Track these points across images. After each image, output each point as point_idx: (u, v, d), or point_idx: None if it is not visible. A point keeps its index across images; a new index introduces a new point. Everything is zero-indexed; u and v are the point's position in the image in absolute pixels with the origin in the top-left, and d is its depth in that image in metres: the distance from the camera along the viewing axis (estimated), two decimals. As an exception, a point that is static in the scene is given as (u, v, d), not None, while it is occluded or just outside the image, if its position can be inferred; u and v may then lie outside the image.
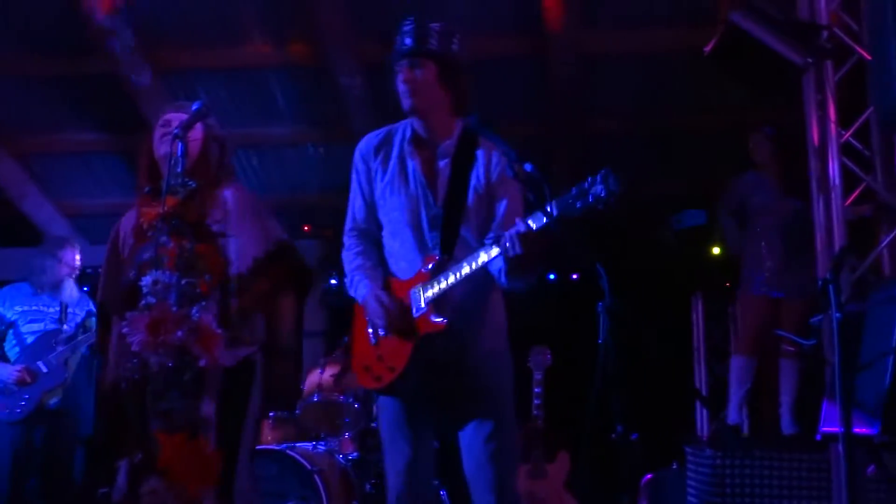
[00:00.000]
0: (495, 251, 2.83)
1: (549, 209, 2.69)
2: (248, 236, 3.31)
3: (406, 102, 3.05)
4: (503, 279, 2.94)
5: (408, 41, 3.03)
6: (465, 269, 2.91)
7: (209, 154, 3.38)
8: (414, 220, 3.07)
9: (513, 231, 2.75)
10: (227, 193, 3.37)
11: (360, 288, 3.10)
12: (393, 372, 3.01)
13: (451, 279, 2.92)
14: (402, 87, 3.05)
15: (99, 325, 3.54)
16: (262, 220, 3.40)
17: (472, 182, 3.08)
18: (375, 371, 3.06)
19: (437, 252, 3.02)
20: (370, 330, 3.08)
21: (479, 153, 3.10)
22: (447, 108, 3.10)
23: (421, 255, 3.05)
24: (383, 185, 3.13)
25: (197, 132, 3.34)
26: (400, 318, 2.99)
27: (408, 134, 3.14)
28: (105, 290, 3.44)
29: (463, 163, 3.08)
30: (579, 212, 2.65)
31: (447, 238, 3.03)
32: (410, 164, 3.10)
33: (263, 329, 3.32)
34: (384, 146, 3.17)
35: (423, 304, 2.97)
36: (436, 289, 2.94)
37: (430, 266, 3.00)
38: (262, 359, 3.31)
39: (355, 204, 3.23)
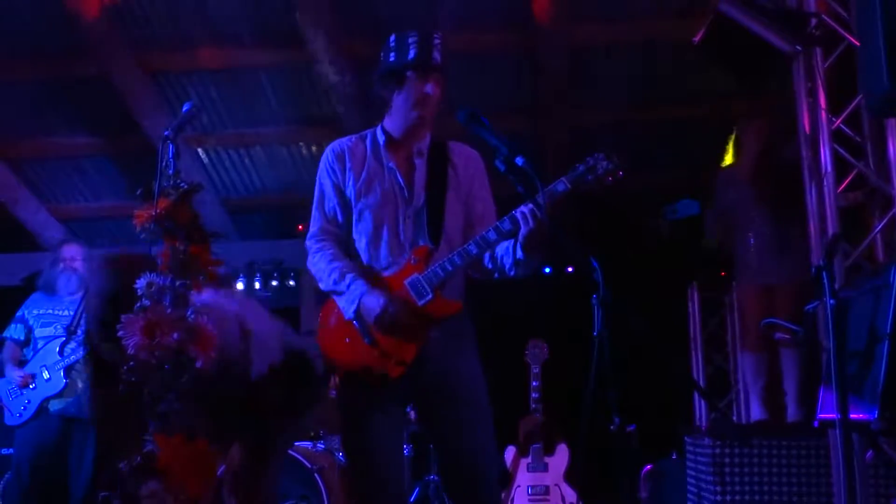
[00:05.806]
0: (507, 224, 2.89)
1: (561, 183, 2.88)
2: (265, 335, 3.33)
3: (423, 113, 3.07)
4: (518, 254, 2.91)
5: (436, 55, 3.04)
6: (473, 250, 2.95)
7: None
8: (392, 217, 3.08)
9: (524, 208, 2.83)
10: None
11: (355, 287, 3.01)
12: (403, 365, 2.98)
13: (458, 261, 2.96)
14: (424, 99, 3.05)
15: None
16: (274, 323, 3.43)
17: (450, 180, 3.13)
18: (379, 368, 2.99)
19: (427, 243, 3.04)
20: (361, 328, 3.01)
21: (453, 154, 3.17)
22: None
23: (400, 250, 3.06)
24: (358, 185, 3.13)
25: None
26: (406, 311, 2.96)
27: (381, 137, 3.16)
28: None
29: (438, 161, 3.14)
30: (590, 184, 2.89)
31: (433, 230, 3.05)
32: (387, 165, 3.13)
33: None
34: (357, 149, 3.18)
35: (429, 291, 2.97)
36: (441, 274, 2.96)
37: (420, 257, 3.02)
38: None
39: (326, 206, 3.19)
